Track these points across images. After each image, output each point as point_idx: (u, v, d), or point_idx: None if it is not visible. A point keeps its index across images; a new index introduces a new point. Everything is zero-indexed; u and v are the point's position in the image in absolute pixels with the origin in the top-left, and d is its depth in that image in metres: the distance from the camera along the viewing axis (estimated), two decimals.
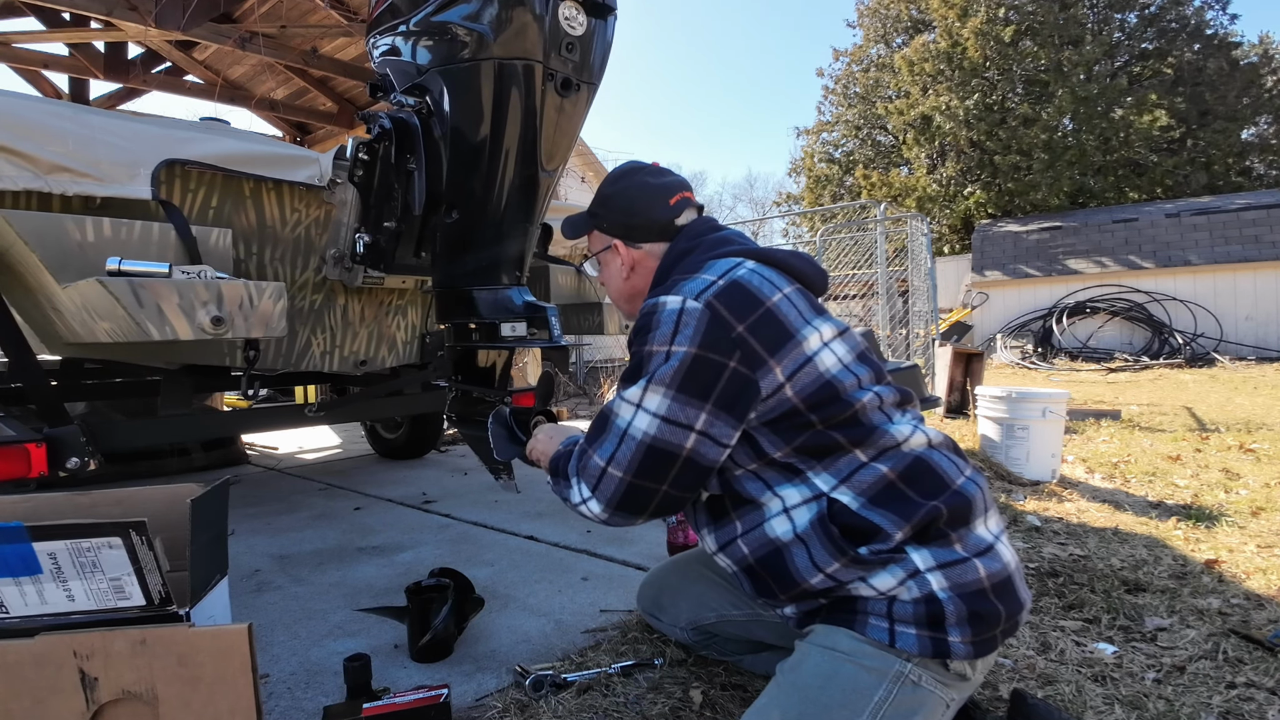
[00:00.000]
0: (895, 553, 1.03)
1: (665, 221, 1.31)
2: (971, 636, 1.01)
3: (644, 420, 1.08)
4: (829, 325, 1.15)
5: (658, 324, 1.10)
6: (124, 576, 1.09)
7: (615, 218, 1.36)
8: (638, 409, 1.09)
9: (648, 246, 1.33)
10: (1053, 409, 3.26)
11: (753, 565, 1.14)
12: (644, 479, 1.10)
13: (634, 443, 1.09)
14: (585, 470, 1.16)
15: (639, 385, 1.10)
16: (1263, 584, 1.97)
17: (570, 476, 1.20)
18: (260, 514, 3.04)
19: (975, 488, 1.11)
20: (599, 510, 1.15)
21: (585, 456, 1.17)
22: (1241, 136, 16.23)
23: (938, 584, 1.02)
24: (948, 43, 16.50)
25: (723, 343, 1.07)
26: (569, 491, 1.20)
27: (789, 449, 1.10)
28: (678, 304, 1.09)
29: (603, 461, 1.12)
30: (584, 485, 1.16)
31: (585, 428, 1.23)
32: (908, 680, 1.02)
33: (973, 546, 1.06)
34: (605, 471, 1.12)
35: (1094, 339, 11.68)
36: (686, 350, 1.07)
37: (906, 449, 1.11)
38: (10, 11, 4.49)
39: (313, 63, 5.18)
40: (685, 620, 1.53)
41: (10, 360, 1.99)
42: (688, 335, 1.07)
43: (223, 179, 1.98)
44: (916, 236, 7.20)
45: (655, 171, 1.38)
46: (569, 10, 1.71)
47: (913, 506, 1.05)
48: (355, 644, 1.72)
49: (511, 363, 2.28)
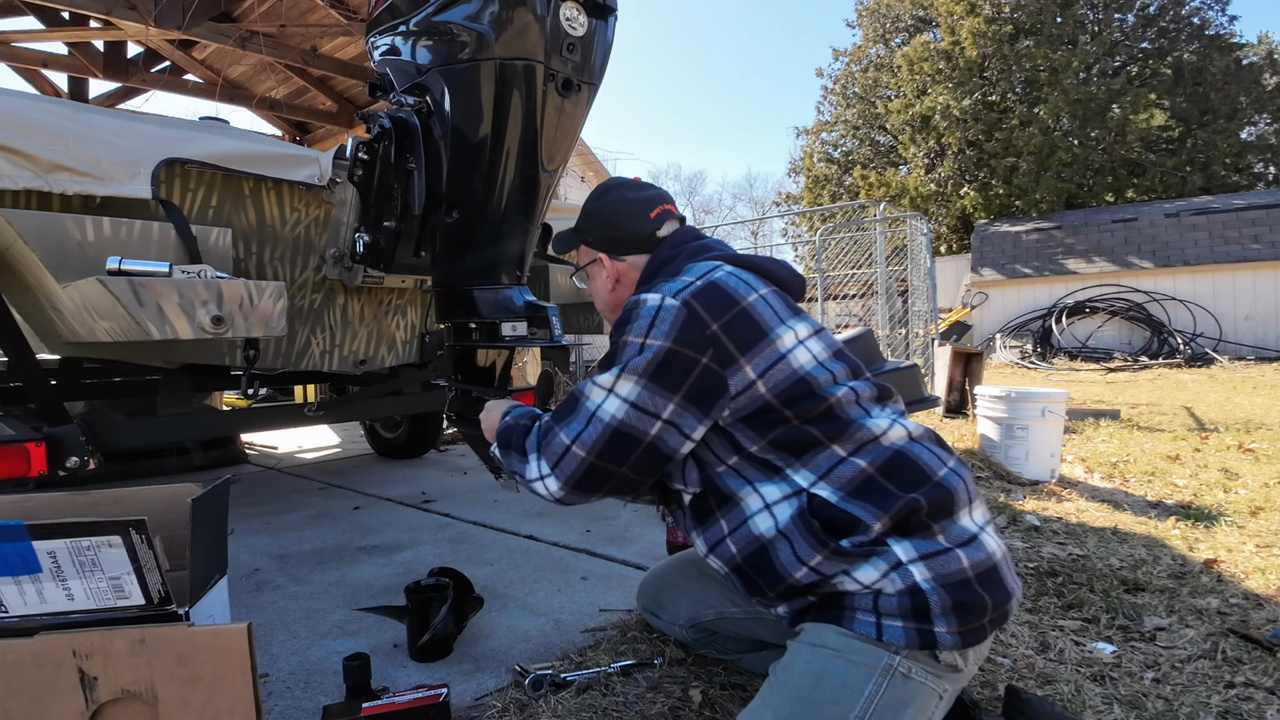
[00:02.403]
0: (876, 545, 1.04)
1: (647, 234, 1.37)
2: (958, 627, 1.02)
3: (614, 404, 1.11)
4: (804, 324, 1.19)
5: (636, 318, 1.14)
6: (123, 576, 1.09)
7: (599, 232, 1.41)
8: (609, 393, 1.12)
9: (631, 259, 1.38)
10: (1052, 409, 3.26)
11: (741, 565, 1.15)
12: (606, 460, 1.12)
13: (601, 425, 1.12)
14: (547, 447, 1.17)
15: (612, 372, 1.13)
16: (1261, 584, 1.97)
17: (528, 452, 1.21)
18: (259, 513, 3.04)
19: (958, 479, 1.12)
20: (555, 488, 1.17)
21: (550, 434, 1.18)
22: (1241, 136, 16.23)
23: (920, 575, 1.03)
24: (950, 40, 16.50)
25: (697, 340, 1.10)
26: (524, 466, 1.22)
27: (765, 443, 1.12)
28: (656, 301, 1.13)
29: (568, 440, 1.14)
30: (543, 462, 1.18)
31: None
32: (897, 673, 1.02)
33: (955, 537, 1.07)
34: (569, 450, 1.14)
35: (1093, 339, 11.68)
36: (661, 344, 1.10)
37: (886, 442, 1.12)
38: (10, 10, 4.49)
39: (312, 62, 5.18)
40: (684, 618, 1.53)
41: (10, 359, 1.99)
42: (663, 330, 1.11)
43: (222, 178, 1.97)
44: (915, 236, 7.21)
45: (636, 186, 1.44)
46: (570, 11, 1.71)
47: (891, 498, 1.06)
48: (354, 643, 1.72)
49: (511, 362, 2.28)
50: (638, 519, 2.81)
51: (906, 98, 17.68)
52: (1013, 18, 15.86)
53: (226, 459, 4.26)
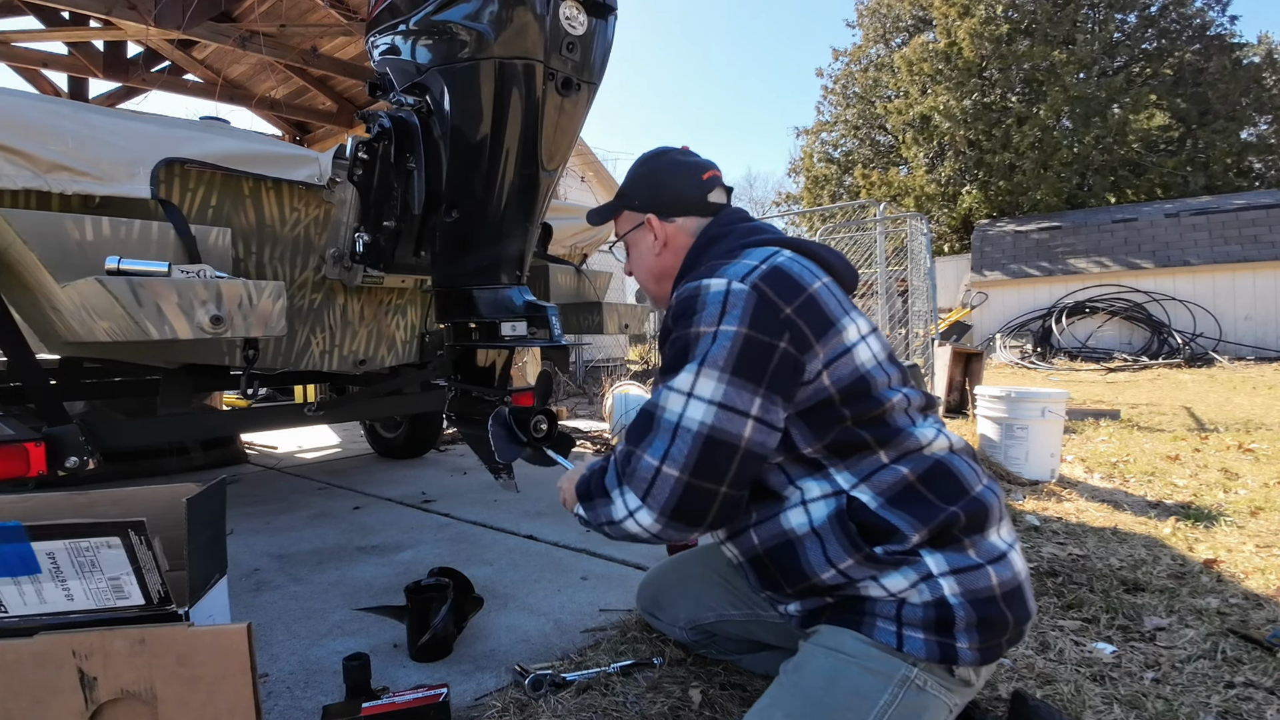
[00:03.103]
0: (910, 555, 1.02)
1: (698, 196, 1.31)
2: (979, 643, 1.01)
3: (698, 409, 1.01)
4: (863, 320, 1.15)
5: (703, 305, 1.05)
6: (123, 576, 1.09)
7: (647, 195, 1.34)
8: (689, 398, 1.02)
9: (681, 221, 1.31)
10: (1052, 409, 3.26)
11: (761, 556, 1.12)
12: (703, 478, 1.01)
13: (690, 435, 1.00)
14: (632, 475, 1.04)
15: (688, 371, 1.03)
16: (1261, 584, 1.97)
17: (609, 490, 1.08)
18: (259, 513, 3.04)
19: (993, 495, 1.11)
20: (651, 520, 1.03)
21: (631, 459, 1.05)
22: (1241, 136, 16.24)
23: (949, 589, 1.01)
24: (946, 41, 16.51)
25: (772, 324, 1.04)
26: (609, 508, 1.08)
27: (819, 445, 1.07)
28: (722, 285, 1.06)
29: (655, 460, 1.01)
30: (629, 494, 1.04)
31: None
32: (913, 685, 1.01)
33: (986, 553, 1.05)
34: (658, 473, 1.01)
35: (1093, 339, 11.68)
36: (737, 330, 1.02)
37: (928, 452, 1.09)
38: (9, 10, 4.49)
39: (312, 62, 5.18)
40: (684, 620, 1.53)
41: (9, 359, 1.99)
42: (736, 316, 1.03)
43: (222, 178, 1.97)
44: (916, 236, 7.20)
45: (684, 152, 1.38)
46: (570, 10, 1.71)
47: (932, 510, 1.04)
48: (354, 643, 1.72)
49: (511, 362, 2.28)
50: None
51: (910, 97, 17.68)
52: (1008, 18, 15.86)
53: (226, 459, 4.26)
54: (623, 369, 9.03)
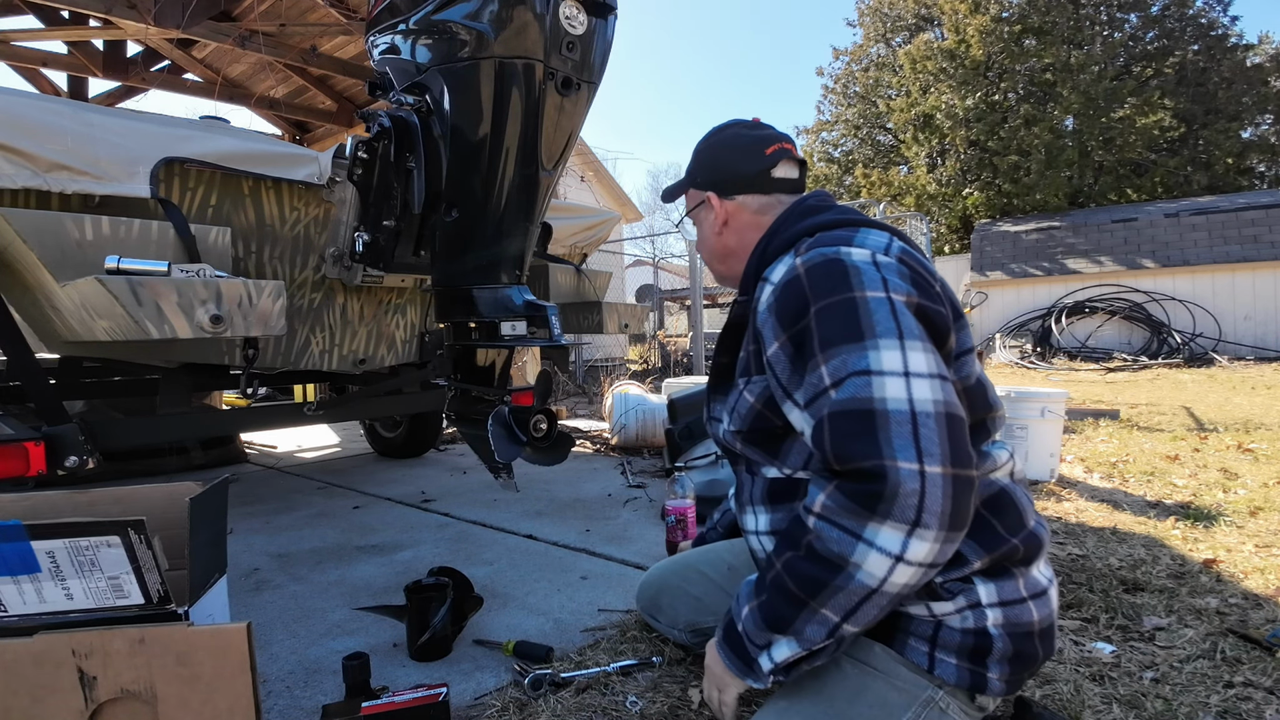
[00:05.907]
0: (964, 582, 1.00)
1: (757, 171, 1.23)
2: (1009, 675, 0.99)
3: (924, 387, 0.86)
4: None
5: (857, 273, 0.95)
6: (122, 575, 1.09)
7: (708, 172, 1.29)
8: (906, 377, 0.86)
9: (741, 199, 1.25)
10: (1051, 408, 3.26)
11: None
12: (961, 465, 0.84)
13: (932, 419, 0.84)
14: (879, 498, 0.83)
15: (888, 345, 0.88)
16: (1261, 583, 1.97)
17: (845, 554, 0.86)
18: (259, 513, 3.04)
19: (1044, 530, 1.08)
20: (928, 547, 0.83)
21: (862, 480, 0.85)
22: (1242, 136, 16.24)
23: (993, 619, 0.99)
24: (954, 39, 16.48)
25: (932, 292, 0.99)
26: (857, 574, 0.86)
27: None
28: (867, 256, 0.98)
29: (915, 465, 0.82)
30: (889, 533, 0.83)
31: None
32: (936, 706, 1.00)
33: (1031, 588, 1.03)
34: (925, 477, 0.82)
35: (1093, 339, 11.68)
36: (908, 296, 0.94)
37: (994, 477, 1.05)
38: (9, 9, 4.48)
39: (312, 61, 5.18)
40: (684, 623, 1.53)
41: (9, 359, 1.99)
42: (901, 285, 0.94)
43: (222, 177, 1.97)
44: (916, 235, 7.21)
45: (753, 125, 1.30)
46: (569, 9, 1.72)
47: (997, 540, 1.00)
48: (354, 642, 1.72)
49: (511, 361, 2.28)
50: (637, 519, 2.81)
51: (911, 96, 17.67)
52: (1021, 16, 15.82)
53: (226, 458, 4.26)
54: (622, 368, 9.03)
